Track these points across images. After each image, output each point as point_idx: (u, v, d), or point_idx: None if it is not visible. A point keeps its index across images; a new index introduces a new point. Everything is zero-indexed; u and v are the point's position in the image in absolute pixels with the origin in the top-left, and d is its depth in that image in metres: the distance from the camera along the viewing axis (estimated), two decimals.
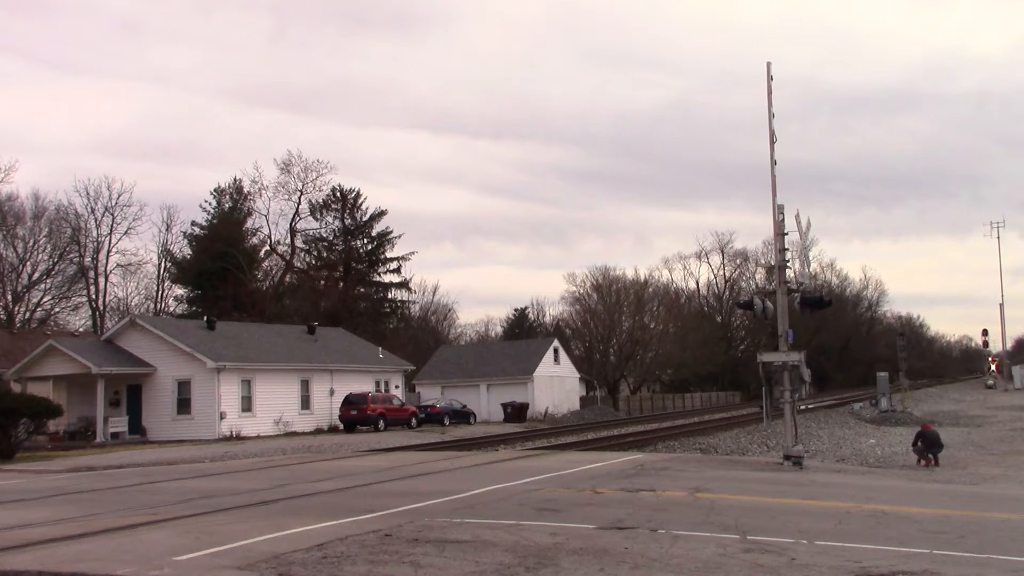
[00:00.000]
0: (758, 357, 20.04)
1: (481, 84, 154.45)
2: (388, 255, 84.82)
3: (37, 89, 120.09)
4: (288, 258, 79.62)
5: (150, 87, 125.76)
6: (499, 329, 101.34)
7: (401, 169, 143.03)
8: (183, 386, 41.23)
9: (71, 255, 67.21)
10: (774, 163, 20.41)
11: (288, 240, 79.18)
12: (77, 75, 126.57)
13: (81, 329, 64.33)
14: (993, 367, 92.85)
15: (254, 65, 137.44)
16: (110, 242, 69.02)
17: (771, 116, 20.67)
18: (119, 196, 69.05)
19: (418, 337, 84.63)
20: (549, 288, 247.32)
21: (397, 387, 52.12)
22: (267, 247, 79.18)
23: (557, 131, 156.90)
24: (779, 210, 20.26)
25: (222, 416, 40.13)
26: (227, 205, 77.94)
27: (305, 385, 45.43)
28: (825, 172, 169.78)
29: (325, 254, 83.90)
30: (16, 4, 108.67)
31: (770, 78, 20.80)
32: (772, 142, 20.50)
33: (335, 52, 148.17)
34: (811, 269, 26.74)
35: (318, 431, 43.97)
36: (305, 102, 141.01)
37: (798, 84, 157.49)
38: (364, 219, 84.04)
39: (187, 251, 75.65)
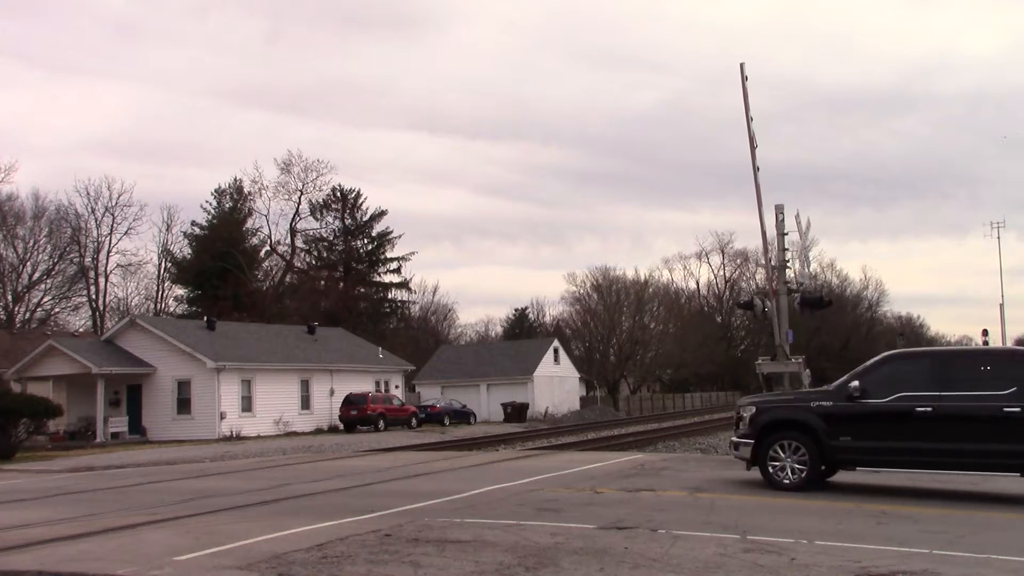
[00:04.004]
0: (757, 369, 19.98)
1: (477, 85, 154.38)
2: (388, 255, 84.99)
3: (36, 90, 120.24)
4: (288, 258, 79.67)
5: (149, 88, 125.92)
6: (499, 329, 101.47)
7: (399, 170, 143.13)
8: (183, 386, 41.26)
9: (71, 255, 67.38)
10: (757, 169, 20.12)
11: (288, 240, 79.40)
12: (76, 76, 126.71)
13: (81, 329, 64.39)
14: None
15: (252, 66, 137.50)
16: (110, 242, 69.27)
17: (749, 119, 20.25)
18: (119, 196, 69.37)
19: (418, 337, 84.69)
20: (549, 288, 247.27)
21: (397, 387, 52.16)
22: (267, 247, 79.40)
23: (554, 132, 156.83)
24: (779, 210, 20.27)
25: (222, 416, 40.14)
26: (227, 205, 78.04)
27: (305, 385, 45.46)
28: (822, 172, 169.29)
29: (325, 254, 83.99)
30: (13, 6, 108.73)
31: (744, 78, 20.32)
32: (753, 147, 20.14)
33: (332, 53, 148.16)
34: (811, 269, 26.76)
35: (318, 431, 44.01)
36: (303, 103, 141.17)
37: (794, 84, 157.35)
38: (364, 219, 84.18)
39: (187, 251, 75.76)
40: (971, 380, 12.83)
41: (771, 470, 13.79)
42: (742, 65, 20.18)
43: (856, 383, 13.35)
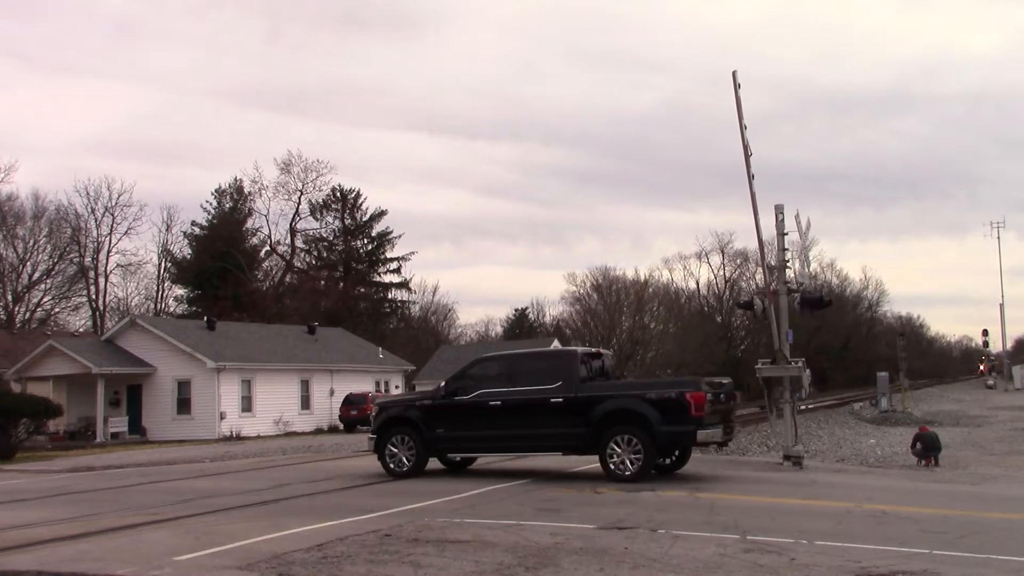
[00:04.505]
0: (757, 372, 19.91)
1: (477, 85, 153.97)
2: (388, 255, 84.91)
3: (36, 90, 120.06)
4: (288, 258, 79.65)
5: (149, 88, 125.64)
6: (499, 329, 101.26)
7: (399, 170, 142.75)
8: (183, 386, 41.26)
9: (71, 255, 67.28)
10: (752, 177, 19.75)
11: (288, 240, 79.33)
12: (76, 76, 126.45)
13: (81, 329, 64.34)
14: (984, 368, 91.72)
15: (251, 66, 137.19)
16: (110, 242, 69.15)
17: (743, 127, 19.81)
18: (119, 196, 69.20)
19: (418, 337, 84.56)
20: (549, 288, 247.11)
21: (397, 387, 52.12)
22: (267, 247, 79.33)
23: (554, 132, 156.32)
24: (779, 210, 20.18)
25: (222, 416, 40.14)
26: (227, 205, 77.98)
27: (305, 385, 45.45)
28: (822, 172, 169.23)
29: (325, 254, 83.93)
30: (13, 6, 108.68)
31: (737, 86, 19.65)
32: (747, 155, 19.76)
33: (332, 53, 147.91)
34: (811, 269, 26.64)
35: (318, 431, 43.99)
36: (303, 103, 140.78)
37: (794, 84, 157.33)
38: (364, 219, 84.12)
39: (187, 251, 75.68)
40: (532, 376, 15.10)
41: (388, 460, 15.93)
42: (734, 73, 19.82)
43: (443, 383, 15.72)
